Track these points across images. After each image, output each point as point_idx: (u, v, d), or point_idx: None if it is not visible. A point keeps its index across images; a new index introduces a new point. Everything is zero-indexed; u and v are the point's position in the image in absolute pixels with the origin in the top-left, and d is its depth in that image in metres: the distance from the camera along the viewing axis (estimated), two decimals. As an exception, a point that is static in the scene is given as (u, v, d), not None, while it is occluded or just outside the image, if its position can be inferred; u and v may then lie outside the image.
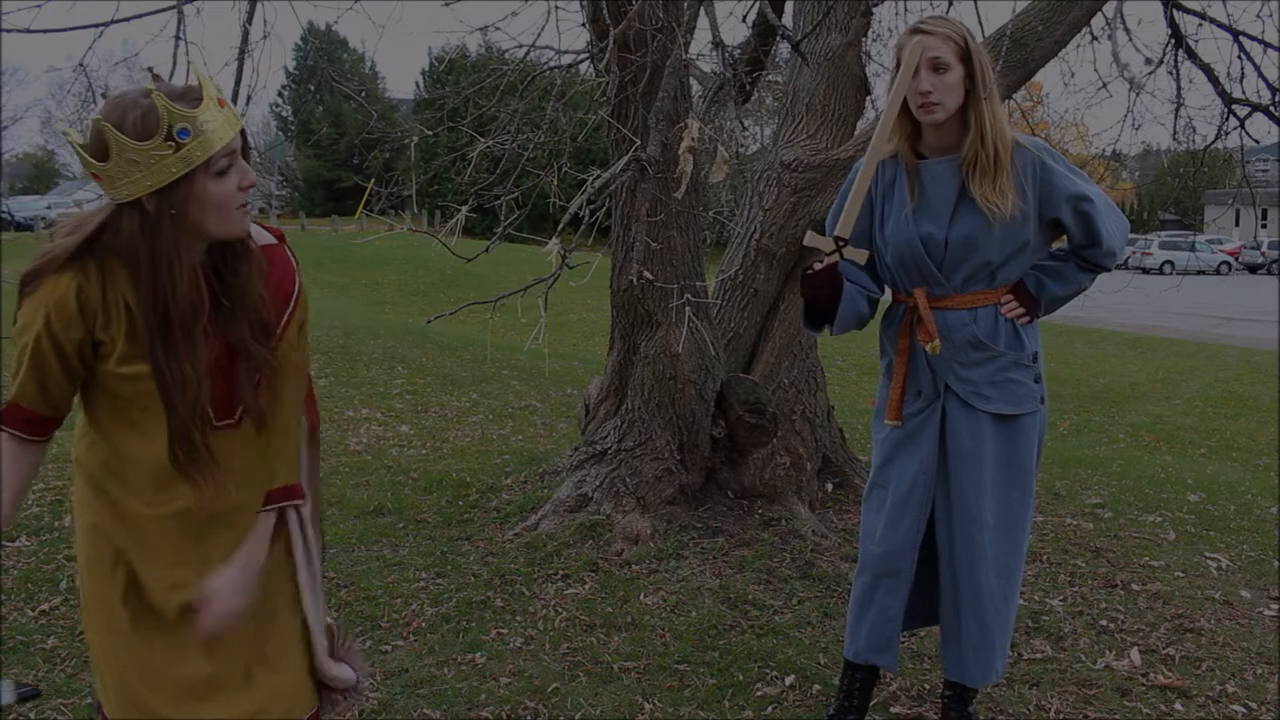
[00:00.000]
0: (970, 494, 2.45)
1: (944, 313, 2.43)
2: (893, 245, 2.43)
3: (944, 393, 2.45)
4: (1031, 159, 2.35)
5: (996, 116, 2.33)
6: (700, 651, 3.13)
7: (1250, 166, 6.57)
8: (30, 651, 3.07)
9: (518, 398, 7.61)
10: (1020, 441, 2.47)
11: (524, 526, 4.14)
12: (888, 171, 2.46)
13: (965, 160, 2.34)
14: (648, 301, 3.98)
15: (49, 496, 4.59)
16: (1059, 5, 4.18)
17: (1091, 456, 6.51)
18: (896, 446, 2.53)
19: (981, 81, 2.31)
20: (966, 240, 2.36)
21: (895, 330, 2.51)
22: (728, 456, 4.24)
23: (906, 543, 2.52)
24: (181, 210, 1.52)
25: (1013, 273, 2.44)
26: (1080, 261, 2.48)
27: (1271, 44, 5.15)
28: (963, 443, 2.44)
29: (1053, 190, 2.36)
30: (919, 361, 2.47)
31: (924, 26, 2.33)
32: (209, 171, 1.52)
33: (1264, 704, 2.90)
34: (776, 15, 3.60)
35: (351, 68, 36.52)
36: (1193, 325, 18.63)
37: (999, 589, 2.49)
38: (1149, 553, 4.16)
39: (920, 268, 2.42)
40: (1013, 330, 2.44)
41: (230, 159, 1.55)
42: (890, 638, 2.57)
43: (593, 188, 1.95)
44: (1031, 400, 2.46)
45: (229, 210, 1.56)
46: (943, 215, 2.38)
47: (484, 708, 2.80)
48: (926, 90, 2.30)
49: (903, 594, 2.54)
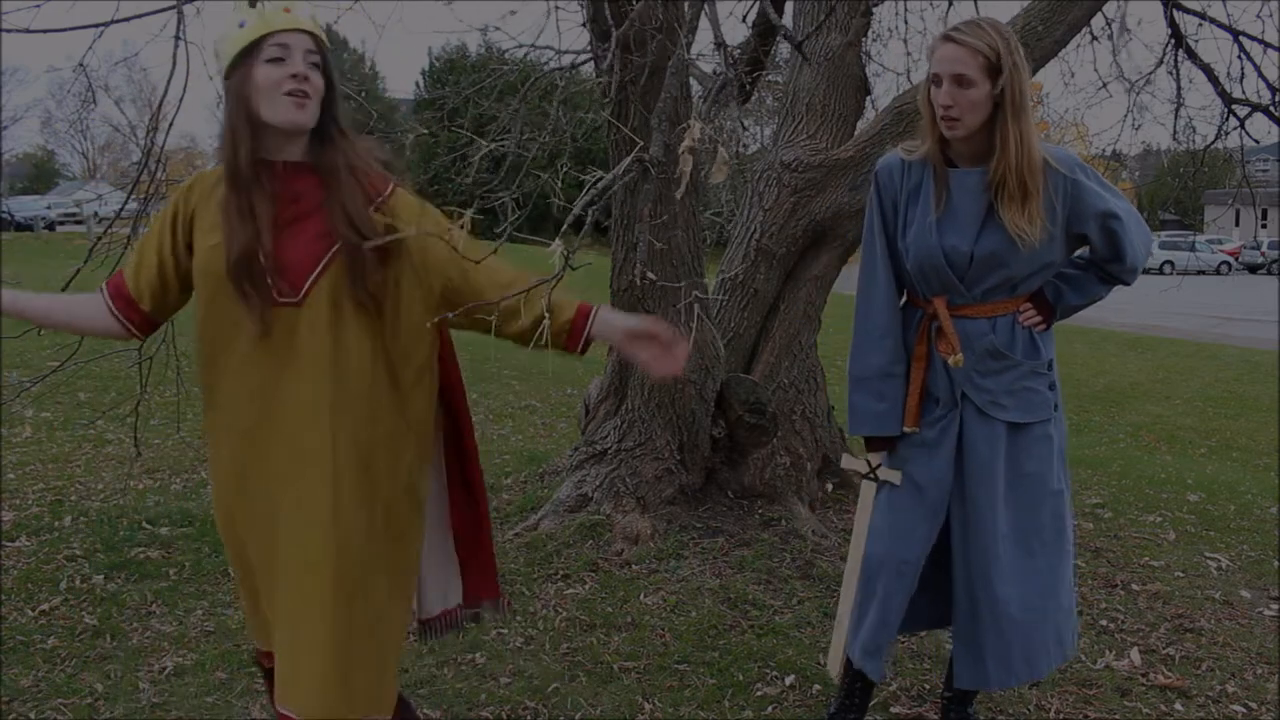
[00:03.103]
0: (984, 504, 2.40)
1: (963, 321, 2.37)
2: (914, 253, 2.36)
3: (961, 401, 2.40)
4: (1063, 181, 2.27)
5: (1026, 137, 2.21)
6: (700, 651, 3.13)
7: (1250, 166, 6.56)
8: (30, 651, 3.07)
9: (518, 398, 7.61)
10: (1034, 449, 2.41)
11: (524, 526, 4.14)
12: (914, 174, 2.38)
13: (993, 180, 2.26)
14: (648, 301, 3.97)
15: (49, 496, 4.59)
16: (1059, 5, 4.17)
17: (1091, 456, 6.51)
18: (914, 450, 2.46)
19: (1011, 99, 2.19)
20: (992, 256, 2.30)
21: (913, 336, 2.45)
22: (728, 456, 4.24)
23: (919, 550, 2.46)
24: (245, 90, 1.79)
25: (1033, 284, 2.41)
26: (1101, 274, 2.45)
27: (1271, 44, 5.14)
28: (979, 452, 2.39)
29: (1083, 207, 2.30)
30: (937, 369, 2.42)
31: (954, 35, 2.23)
32: (260, 56, 1.77)
33: (1264, 704, 2.90)
34: (777, 15, 3.60)
35: (351, 68, 36.53)
36: (1193, 325, 18.61)
37: (1017, 597, 2.43)
38: (1149, 553, 4.16)
39: (941, 278, 2.36)
40: (1029, 338, 2.40)
41: (283, 51, 1.77)
42: (881, 645, 2.50)
43: (596, 189, 1.95)
44: (1046, 408, 2.42)
45: (275, 95, 1.77)
46: (969, 229, 2.30)
47: (484, 708, 2.80)
48: (947, 104, 2.22)
49: (903, 602, 2.48)
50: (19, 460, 5.19)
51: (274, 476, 1.85)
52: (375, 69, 42.57)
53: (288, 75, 1.78)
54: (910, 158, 2.38)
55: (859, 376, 2.45)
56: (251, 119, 1.80)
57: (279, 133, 1.82)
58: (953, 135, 2.27)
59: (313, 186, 1.86)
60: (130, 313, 1.93)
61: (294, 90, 1.78)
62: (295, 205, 1.84)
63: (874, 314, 2.44)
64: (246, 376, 1.84)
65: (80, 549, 3.90)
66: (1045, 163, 2.26)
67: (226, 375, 1.87)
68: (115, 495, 4.63)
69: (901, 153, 2.41)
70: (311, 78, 1.80)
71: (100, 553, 3.86)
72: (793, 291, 4.44)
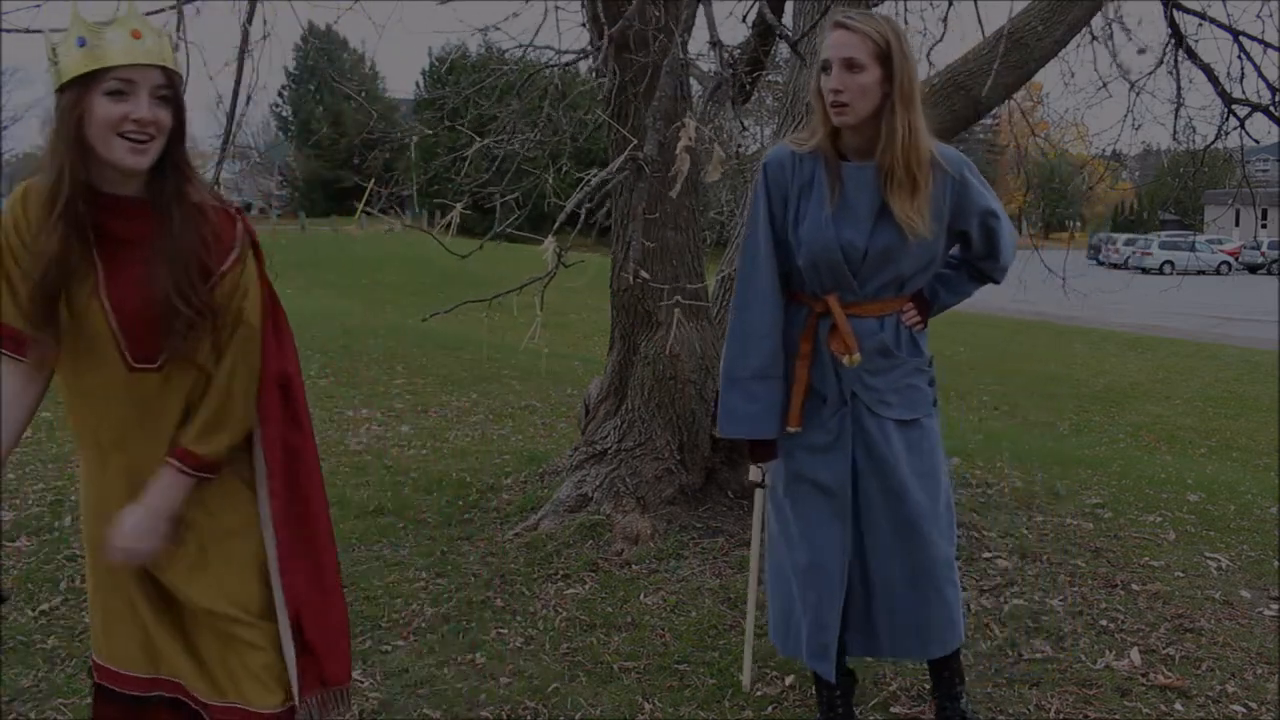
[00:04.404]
0: (896, 488, 2.38)
1: (854, 320, 2.35)
2: (807, 247, 2.30)
3: (851, 400, 2.37)
4: (950, 180, 2.29)
5: (914, 127, 2.20)
6: (700, 651, 3.13)
7: (1250, 166, 6.57)
8: (30, 651, 3.07)
9: (518, 398, 7.61)
10: (923, 444, 2.42)
11: (524, 526, 4.14)
12: (805, 167, 2.32)
13: (882, 169, 2.24)
14: (648, 301, 3.98)
15: (49, 496, 4.59)
16: (1059, 5, 4.18)
17: (1091, 456, 6.51)
18: (814, 456, 2.42)
19: (900, 87, 2.19)
20: (886, 251, 2.29)
21: (797, 333, 2.39)
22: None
23: (838, 554, 2.42)
24: (79, 118, 1.62)
25: (918, 283, 2.41)
26: (973, 271, 2.49)
27: (1271, 44, 5.15)
28: (878, 447, 2.37)
29: (968, 205, 2.32)
30: (825, 367, 2.38)
31: (844, 21, 2.21)
32: (99, 88, 1.60)
33: (1264, 704, 2.90)
34: (776, 15, 3.60)
35: (351, 68, 36.58)
36: (1193, 325, 18.62)
37: (948, 556, 2.43)
38: (1149, 553, 4.16)
39: (836, 274, 2.32)
40: (910, 337, 2.41)
41: (127, 85, 1.61)
42: (827, 645, 2.45)
43: (590, 186, 1.95)
44: (926, 404, 2.44)
45: (109, 134, 1.62)
46: (864, 223, 2.28)
47: (484, 708, 2.80)
48: (837, 89, 2.19)
49: (835, 603, 2.44)
50: (19, 460, 5.18)
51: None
52: (375, 69, 42.64)
53: (128, 116, 1.61)
54: (801, 150, 2.32)
55: (734, 377, 2.38)
56: (82, 147, 1.63)
57: (112, 168, 1.67)
58: (842, 122, 2.23)
59: (143, 228, 1.71)
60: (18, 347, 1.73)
61: (133, 134, 1.62)
62: (125, 246, 1.71)
63: (755, 312, 2.37)
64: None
65: (80, 549, 3.90)
66: (934, 161, 2.26)
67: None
68: (115, 495, 4.62)
69: (791, 145, 2.35)
70: (159, 118, 1.65)
71: (100, 553, 3.86)
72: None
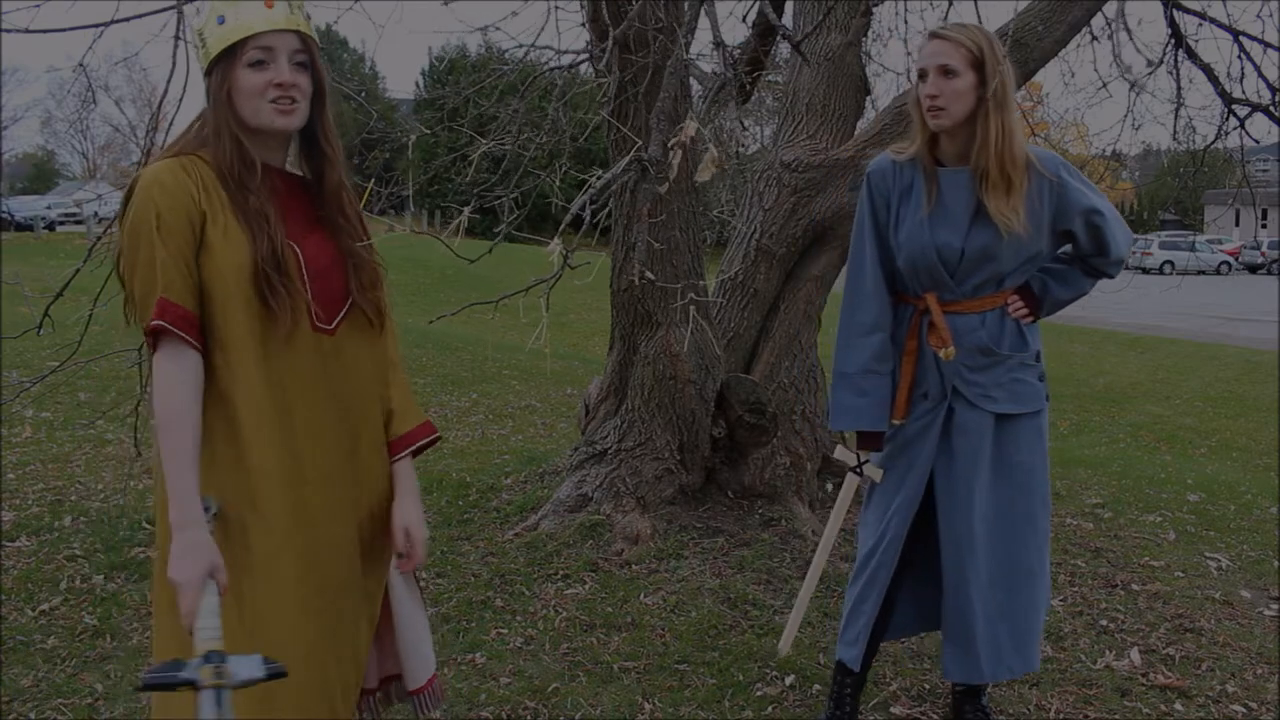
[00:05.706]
0: (961, 491, 2.48)
1: (954, 317, 2.45)
2: (906, 250, 2.44)
3: (951, 394, 2.48)
4: (1047, 182, 2.37)
5: (1008, 129, 2.31)
6: (700, 651, 3.13)
7: (1250, 166, 6.56)
8: (30, 651, 3.07)
9: (518, 398, 7.61)
10: (1021, 439, 2.50)
11: (524, 526, 4.14)
12: (905, 174, 2.47)
13: (977, 172, 2.35)
14: (648, 301, 3.98)
15: (49, 496, 4.59)
16: (1059, 5, 4.18)
17: (1091, 456, 6.51)
18: (895, 446, 2.55)
19: (994, 92, 2.30)
20: (983, 251, 2.39)
21: (903, 331, 2.52)
22: (728, 456, 4.24)
23: (891, 542, 2.54)
24: (229, 91, 1.69)
25: (1019, 279, 2.49)
26: (1085, 267, 2.54)
27: (1271, 44, 5.14)
28: (967, 441, 2.47)
29: (1068, 205, 2.39)
30: (927, 363, 2.49)
31: (939, 31, 2.36)
32: (241, 59, 1.68)
33: (1264, 704, 2.90)
34: (777, 15, 3.60)
35: (351, 68, 36.54)
36: (1193, 325, 18.62)
37: (1002, 582, 2.52)
38: (1149, 553, 4.16)
39: (933, 274, 2.44)
40: (1017, 331, 2.48)
41: (266, 54, 1.68)
42: (859, 634, 2.58)
43: (595, 188, 1.95)
44: (1037, 399, 2.51)
45: (256, 101, 1.69)
46: (960, 225, 2.39)
47: (484, 708, 2.80)
48: (932, 94, 2.32)
49: (879, 592, 2.56)
50: (19, 460, 5.19)
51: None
52: (375, 69, 42.61)
53: (271, 83, 1.68)
54: (900, 159, 2.47)
55: (843, 372, 2.51)
56: (237, 121, 1.70)
57: (266, 135, 1.74)
58: (938, 126, 2.35)
59: (303, 196, 1.79)
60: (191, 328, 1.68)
61: (279, 98, 1.69)
62: (296, 214, 1.77)
63: (861, 310, 2.51)
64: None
65: (80, 549, 3.90)
66: (1030, 164, 2.36)
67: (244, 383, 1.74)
68: (115, 495, 4.62)
69: (891, 154, 2.50)
70: (299, 82, 1.71)
71: (100, 553, 3.86)
72: (793, 291, 4.45)
